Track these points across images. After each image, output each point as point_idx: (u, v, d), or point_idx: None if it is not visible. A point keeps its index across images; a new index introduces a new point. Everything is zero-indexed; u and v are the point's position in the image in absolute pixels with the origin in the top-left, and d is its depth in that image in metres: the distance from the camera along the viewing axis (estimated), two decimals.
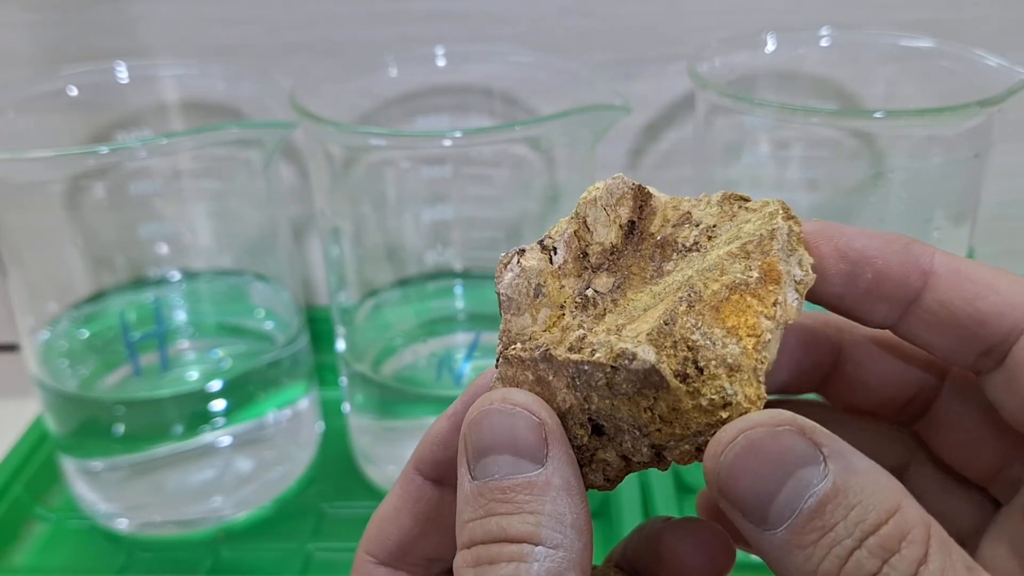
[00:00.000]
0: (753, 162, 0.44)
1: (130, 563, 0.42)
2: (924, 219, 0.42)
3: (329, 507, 0.44)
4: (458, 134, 0.40)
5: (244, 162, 0.43)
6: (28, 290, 0.42)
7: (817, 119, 0.40)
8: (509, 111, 0.48)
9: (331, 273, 0.44)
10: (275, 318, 0.46)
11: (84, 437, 0.42)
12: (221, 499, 0.43)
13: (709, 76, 0.42)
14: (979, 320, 0.18)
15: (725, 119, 0.42)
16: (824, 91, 0.48)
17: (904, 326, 0.19)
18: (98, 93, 0.45)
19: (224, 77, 0.46)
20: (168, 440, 0.42)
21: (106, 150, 0.37)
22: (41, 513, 0.44)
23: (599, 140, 0.40)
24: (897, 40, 0.45)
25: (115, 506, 0.43)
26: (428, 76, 0.46)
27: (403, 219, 0.45)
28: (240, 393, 0.43)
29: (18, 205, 0.40)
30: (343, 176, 0.42)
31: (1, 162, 0.37)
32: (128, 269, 0.45)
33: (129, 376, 0.44)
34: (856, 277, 0.19)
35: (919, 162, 0.41)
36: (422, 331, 0.48)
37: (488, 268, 0.47)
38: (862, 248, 0.19)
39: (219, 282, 0.47)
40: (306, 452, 0.46)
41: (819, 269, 0.19)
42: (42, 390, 0.42)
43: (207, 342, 0.47)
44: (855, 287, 0.19)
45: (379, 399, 0.44)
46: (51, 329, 0.43)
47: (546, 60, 0.45)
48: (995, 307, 0.18)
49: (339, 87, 0.44)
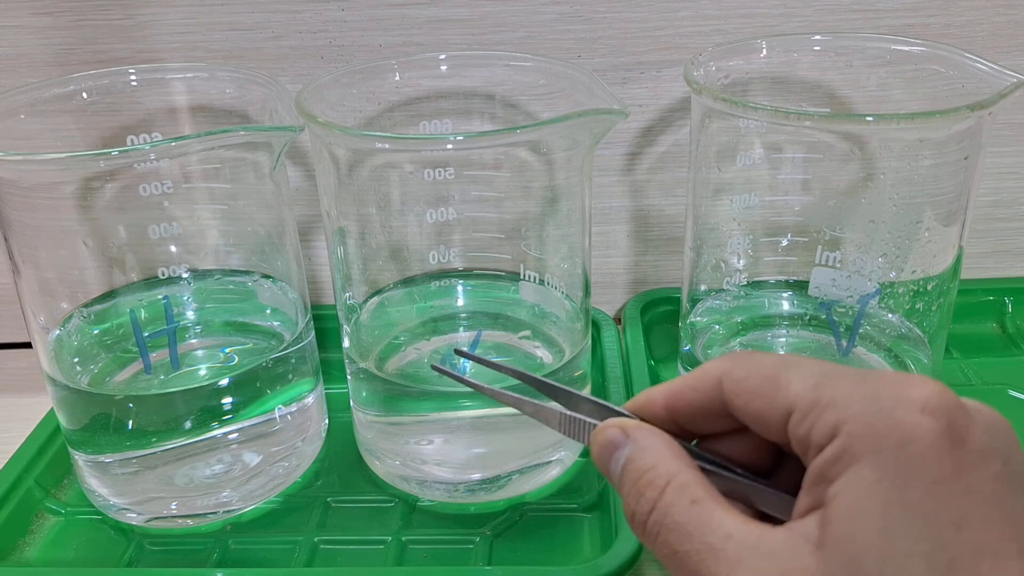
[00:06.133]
0: (747, 164, 0.44)
1: (140, 555, 0.42)
2: (915, 220, 0.43)
3: (335, 500, 0.45)
4: (460, 138, 0.41)
5: (252, 164, 0.43)
6: (40, 289, 0.43)
7: (810, 122, 0.40)
8: (510, 115, 0.48)
9: (337, 272, 0.45)
10: (282, 316, 0.47)
11: (95, 433, 0.42)
12: (229, 492, 0.43)
13: (704, 81, 0.43)
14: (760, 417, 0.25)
15: (720, 122, 0.43)
16: (817, 95, 0.49)
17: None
18: (109, 96, 0.46)
19: (233, 81, 0.46)
20: (178, 435, 0.42)
21: (117, 153, 0.37)
22: (52, 506, 0.45)
23: (597, 143, 0.40)
24: (888, 44, 0.45)
25: (125, 500, 0.43)
26: (431, 81, 0.47)
27: (407, 220, 0.46)
28: (248, 389, 0.43)
29: (30, 206, 0.41)
30: (349, 178, 0.43)
31: (14, 164, 0.38)
32: (138, 268, 0.45)
33: (139, 373, 0.44)
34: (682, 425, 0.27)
35: (910, 164, 0.42)
36: (425, 329, 0.49)
37: (489, 268, 0.48)
38: (678, 408, 0.27)
39: (228, 281, 0.48)
40: (312, 447, 0.47)
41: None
42: (53, 387, 0.43)
43: (216, 340, 0.47)
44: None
45: (383, 395, 0.45)
46: (63, 327, 0.44)
47: (546, 65, 0.46)
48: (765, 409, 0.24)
49: (344, 91, 0.44)
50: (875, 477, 0.21)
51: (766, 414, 0.24)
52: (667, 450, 0.25)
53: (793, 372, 0.24)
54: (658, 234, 0.58)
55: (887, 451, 0.21)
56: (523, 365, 0.47)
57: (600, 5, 0.51)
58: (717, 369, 0.25)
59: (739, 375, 0.25)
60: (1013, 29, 0.52)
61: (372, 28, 0.51)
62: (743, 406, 0.24)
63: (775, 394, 0.24)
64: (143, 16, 0.51)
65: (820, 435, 0.22)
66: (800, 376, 0.23)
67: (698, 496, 0.24)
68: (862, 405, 0.22)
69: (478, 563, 0.41)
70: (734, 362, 0.25)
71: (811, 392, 0.23)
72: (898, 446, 0.21)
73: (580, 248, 0.44)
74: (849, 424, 0.22)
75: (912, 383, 0.22)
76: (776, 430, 0.24)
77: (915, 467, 0.21)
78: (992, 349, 0.55)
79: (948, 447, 0.21)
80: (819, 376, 0.23)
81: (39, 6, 0.51)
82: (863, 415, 0.22)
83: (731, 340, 0.48)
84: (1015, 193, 0.57)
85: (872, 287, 0.42)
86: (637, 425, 0.26)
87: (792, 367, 0.24)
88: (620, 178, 0.56)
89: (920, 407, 0.21)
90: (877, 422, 0.21)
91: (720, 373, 0.25)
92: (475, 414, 0.44)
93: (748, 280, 0.47)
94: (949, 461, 0.21)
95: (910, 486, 0.20)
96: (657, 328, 0.56)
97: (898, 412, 0.21)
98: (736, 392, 0.25)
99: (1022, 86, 0.38)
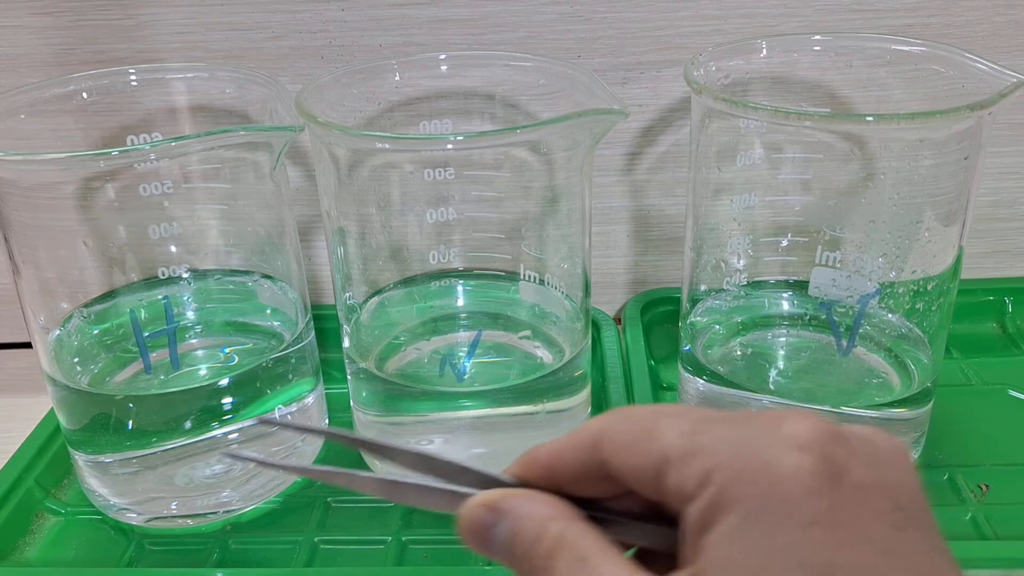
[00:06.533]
0: (747, 164, 0.44)
1: (140, 555, 0.42)
2: (915, 220, 0.43)
3: (335, 500, 0.45)
4: (460, 138, 0.41)
5: (252, 164, 0.43)
6: (40, 289, 0.43)
7: (810, 123, 0.40)
8: (510, 115, 0.48)
9: (337, 272, 0.45)
10: (282, 316, 0.47)
11: (95, 433, 0.42)
12: (229, 492, 0.43)
13: (704, 81, 0.43)
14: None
15: (720, 122, 0.43)
16: (817, 95, 0.49)
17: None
18: (109, 96, 0.46)
19: (233, 81, 0.46)
20: (178, 435, 0.42)
21: (117, 153, 0.37)
22: (52, 506, 0.45)
23: (597, 143, 0.40)
24: (888, 44, 0.45)
25: (125, 500, 0.43)
26: (431, 81, 0.47)
27: (407, 220, 0.46)
28: (248, 389, 0.43)
29: (31, 206, 0.41)
30: (349, 178, 0.43)
31: (14, 164, 0.38)
32: (138, 268, 0.46)
33: (139, 373, 0.44)
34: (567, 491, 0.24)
35: (910, 164, 0.42)
36: (425, 329, 0.49)
37: (489, 268, 0.48)
38: (559, 471, 0.24)
39: (228, 281, 0.48)
40: (312, 447, 0.47)
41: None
42: (53, 387, 0.43)
43: (216, 340, 0.47)
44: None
45: (383, 395, 0.45)
46: (63, 327, 0.44)
47: (546, 65, 0.46)
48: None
49: (344, 91, 0.44)
50: (744, 525, 0.19)
51: (640, 468, 0.22)
52: (548, 511, 0.23)
53: (669, 422, 0.22)
54: (658, 234, 0.58)
55: (755, 495, 0.19)
56: (523, 365, 0.47)
57: (600, 5, 0.51)
58: (595, 425, 0.23)
59: (617, 430, 0.23)
60: (1013, 29, 0.52)
61: (372, 28, 0.51)
62: (620, 463, 0.22)
63: (649, 446, 0.22)
64: (143, 16, 0.51)
65: (692, 484, 0.20)
66: (675, 425, 0.22)
67: (586, 553, 0.21)
68: (733, 448, 0.20)
69: (478, 563, 0.41)
70: (612, 418, 0.23)
71: (684, 440, 0.21)
72: (767, 488, 0.19)
73: (580, 248, 0.44)
74: (719, 471, 0.20)
75: (786, 419, 0.21)
76: (652, 486, 0.22)
77: (786, 509, 0.19)
78: (992, 349, 0.55)
79: (823, 485, 0.19)
80: (695, 423, 0.21)
81: (39, 6, 0.51)
82: (734, 459, 0.20)
83: (731, 340, 0.48)
84: (1015, 193, 0.57)
85: (872, 287, 0.42)
86: (504, 496, 0.23)
87: (669, 417, 0.22)
88: (620, 178, 0.56)
89: (792, 444, 0.20)
90: (747, 465, 0.20)
91: (598, 429, 0.23)
92: (475, 414, 0.44)
93: (748, 280, 0.47)
94: (824, 500, 0.19)
95: (780, 531, 0.19)
96: (657, 328, 0.56)
97: (768, 452, 0.20)
98: (613, 450, 0.22)
99: (1022, 86, 0.38)
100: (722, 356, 0.47)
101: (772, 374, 0.46)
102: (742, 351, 0.48)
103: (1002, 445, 0.46)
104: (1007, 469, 0.45)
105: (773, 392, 0.45)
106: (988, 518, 0.42)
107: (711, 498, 0.20)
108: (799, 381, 0.46)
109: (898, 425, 0.43)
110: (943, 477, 0.44)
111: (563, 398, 0.45)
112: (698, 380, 0.46)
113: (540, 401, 0.44)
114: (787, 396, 0.44)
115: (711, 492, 0.20)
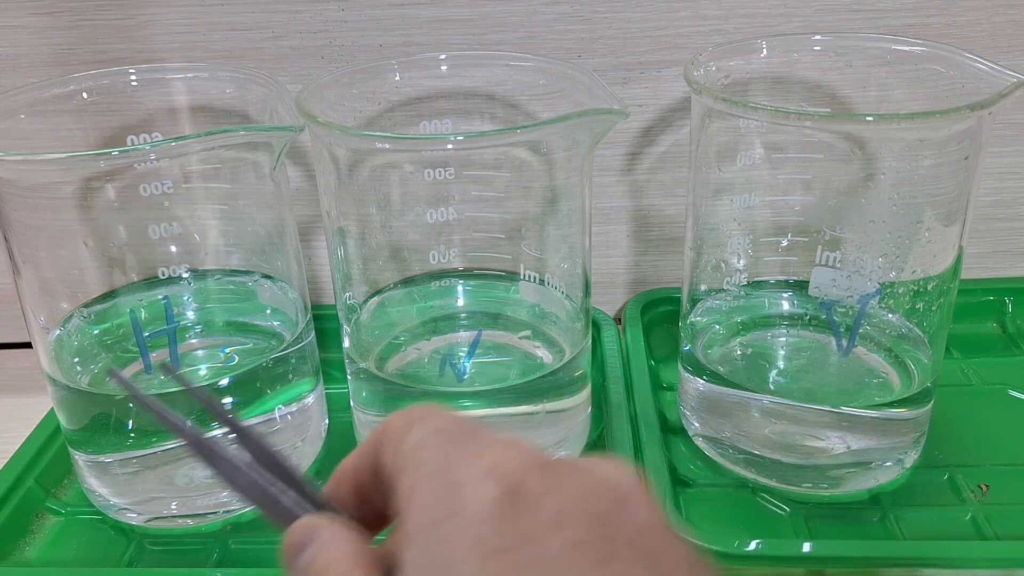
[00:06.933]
0: (747, 164, 0.44)
1: (140, 555, 0.42)
2: (915, 220, 0.43)
3: None
4: (460, 138, 0.41)
5: (252, 164, 0.43)
6: (40, 289, 0.43)
7: (810, 122, 0.40)
8: (510, 115, 0.49)
9: (337, 272, 0.45)
10: (282, 316, 0.47)
11: (95, 433, 0.42)
12: (229, 492, 0.43)
13: (704, 81, 0.43)
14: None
15: (720, 122, 0.43)
16: (817, 95, 0.49)
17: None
18: (109, 96, 0.46)
19: (233, 81, 0.46)
20: (178, 435, 0.42)
21: (117, 153, 0.37)
22: (52, 506, 0.45)
23: (597, 143, 0.40)
24: (888, 44, 0.45)
25: (125, 500, 0.43)
26: (431, 81, 0.47)
27: (407, 220, 0.46)
28: (248, 389, 0.43)
29: (31, 206, 0.41)
30: (349, 178, 0.43)
31: (14, 164, 0.38)
32: (138, 268, 0.46)
33: (140, 373, 0.44)
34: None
35: (910, 164, 0.42)
36: (425, 329, 0.49)
37: (489, 268, 0.48)
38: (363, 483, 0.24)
39: (228, 281, 0.48)
40: (312, 447, 0.47)
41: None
42: (53, 387, 0.43)
43: (216, 340, 0.47)
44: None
45: (383, 395, 0.45)
46: (63, 327, 0.44)
47: (546, 65, 0.46)
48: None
49: (345, 91, 0.44)
50: (426, 556, 0.19)
51: (384, 474, 0.22)
52: (343, 547, 0.22)
53: (415, 429, 0.21)
54: (658, 234, 0.58)
55: (438, 524, 0.19)
56: (523, 365, 0.47)
57: (600, 5, 0.51)
58: (377, 429, 0.23)
59: (386, 430, 0.22)
60: (1013, 29, 0.52)
61: (372, 28, 0.51)
62: (380, 464, 0.22)
63: (394, 451, 0.21)
64: (143, 16, 0.51)
65: (402, 499, 0.20)
66: (414, 434, 0.21)
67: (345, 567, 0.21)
68: (435, 466, 0.20)
69: None
70: (388, 419, 0.22)
71: (406, 454, 0.21)
72: (449, 517, 0.19)
73: (580, 248, 0.44)
74: (416, 493, 0.20)
75: (492, 446, 0.20)
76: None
77: (467, 540, 0.19)
78: (992, 349, 0.55)
79: (510, 514, 0.19)
80: (429, 436, 0.21)
81: (39, 6, 0.51)
82: (429, 481, 0.20)
83: (731, 340, 0.48)
84: (1015, 193, 0.57)
85: (872, 287, 0.42)
86: (315, 525, 0.23)
87: (424, 420, 0.22)
88: (620, 178, 0.56)
89: (483, 472, 0.19)
90: (438, 490, 0.20)
91: (379, 432, 0.22)
92: (475, 414, 0.44)
93: (748, 280, 0.47)
94: (512, 529, 0.19)
95: (461, 562, 0.18)
96: (657, 328, 0.56)
97: (457, 478, 0.20)
98: (381, 451, 0.22)
99: (1022, 86, 0.38)
100: (722, 356, 0.47)
101: (772, 374, 0.46)
102: (742, 351, 0.48)
103: (1002, 445, 0.46)
104: (1007, 469, 0.45)
105: (773, 392, 0.45)
106: (988, 518, 0.42)
107: (404, 523, 0.20)
108: (799, 381, 0.46)
109: (898, 425, 0.44)
110: (943, 477, 0.44)
111: (563, 398, 0.45)
112: (698, 380, 0.46)
113: (540, 401, 0.44)
114: (787, 396, 0.44)
115: (404, 518, 0.20)
